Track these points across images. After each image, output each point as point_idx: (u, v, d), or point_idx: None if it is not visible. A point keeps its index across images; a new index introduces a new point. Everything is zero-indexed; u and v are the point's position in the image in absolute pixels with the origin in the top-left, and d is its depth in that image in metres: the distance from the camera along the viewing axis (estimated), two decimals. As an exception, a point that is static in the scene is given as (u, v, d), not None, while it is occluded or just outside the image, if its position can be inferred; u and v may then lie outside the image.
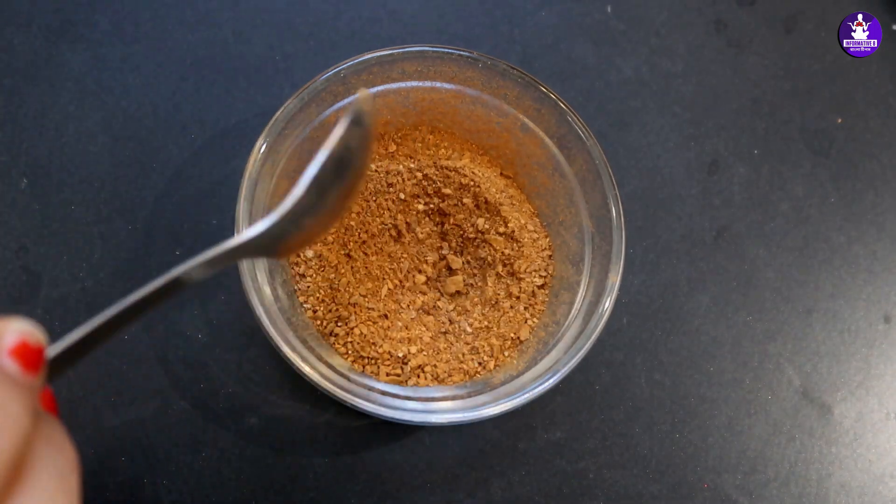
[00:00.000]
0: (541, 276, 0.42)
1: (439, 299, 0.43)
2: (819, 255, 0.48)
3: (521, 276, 0.42)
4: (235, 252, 0.28)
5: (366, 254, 0.42)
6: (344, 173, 0.30)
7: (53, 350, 0.22)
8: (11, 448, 0.18)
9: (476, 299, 0.43)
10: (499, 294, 0.42)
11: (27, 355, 0.20)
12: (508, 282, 0.42)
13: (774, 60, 0.52)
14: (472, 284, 0.43)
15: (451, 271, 0.43)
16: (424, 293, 0.43)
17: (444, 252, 0.44)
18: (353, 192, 0.31)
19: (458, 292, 0.43)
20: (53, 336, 0.22)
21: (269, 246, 0.30)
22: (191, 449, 0.40)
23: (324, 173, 0.29)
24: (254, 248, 0.29)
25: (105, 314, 0.23)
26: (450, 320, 0.42)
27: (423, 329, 0.41)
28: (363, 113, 0.30)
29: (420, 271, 0.43)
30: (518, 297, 0.41)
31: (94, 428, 0.40)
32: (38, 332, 0.21)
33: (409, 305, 0.42)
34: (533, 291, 0.42)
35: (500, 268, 0.42)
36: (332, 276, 0.41)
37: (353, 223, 0.42)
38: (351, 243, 0.42)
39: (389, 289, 0.42)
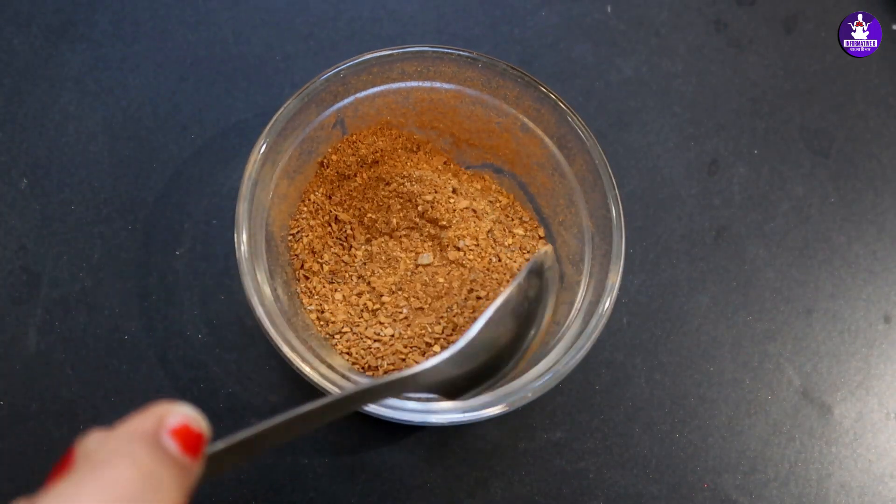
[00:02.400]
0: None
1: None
2: (819, 255, 0.48)
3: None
4: (409, 382, 0.29)
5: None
6: (521, 322, 0.30)
7: (215, 446, 0.23)
8: None
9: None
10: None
11: (187, 438, 0.22)
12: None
13: (774, 60, 0.52)
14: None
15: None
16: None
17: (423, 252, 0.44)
18: (529, 339, 0.31)
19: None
20: (53, 335, 0.22)
21: (436, 385, 0.30)
22: (191, 449, 0.40)
23: (497, 318, 0.30)
24: (423, 383, 0.29)
25: (274, 420, 0.24)
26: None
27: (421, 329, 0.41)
28: (543, 266, 0.31)
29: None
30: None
31: (93, 428, 0.40)
32: (201, 420, 0.22)
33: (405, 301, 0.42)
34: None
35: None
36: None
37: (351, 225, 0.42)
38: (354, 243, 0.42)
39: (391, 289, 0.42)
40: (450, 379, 0.30)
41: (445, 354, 0.29)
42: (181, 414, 0.22)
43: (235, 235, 0.36)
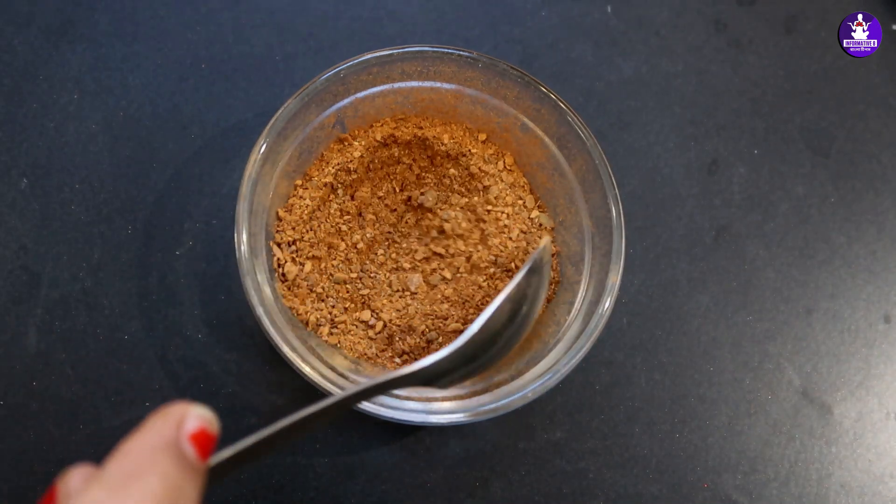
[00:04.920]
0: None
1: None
2: (819, 255, 0.48)
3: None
4: (403, 380, 0.29)
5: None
6: (517, 317, 0.31)
7: (222, 454, 0.23)
8: None
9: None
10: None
11: (203, 442, 0.22)
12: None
13: (774, 60, 0.52)
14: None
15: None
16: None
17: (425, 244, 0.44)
18: (523, 334, 0.31)
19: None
20: (53, 335, 0.22)
21: (433, 378, 0.30)
22: (191, 449, 0.40)
23: (498, 315, 0.30)
24: (421, 378, 0.30)
25: (271, 428, 0.24)
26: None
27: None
28: (543, 262, 0.31)
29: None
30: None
31: (94, 428, 0.40)
32: (215, 421, 0.23)
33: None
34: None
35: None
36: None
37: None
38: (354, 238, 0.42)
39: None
40: (445, 372, 0.30)
41: (445, 352, 0.29)
42: (199, 417, 0.22)
43: (235, 235, 0.36)
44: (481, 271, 0.41)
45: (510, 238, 0.42)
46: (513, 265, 0.41)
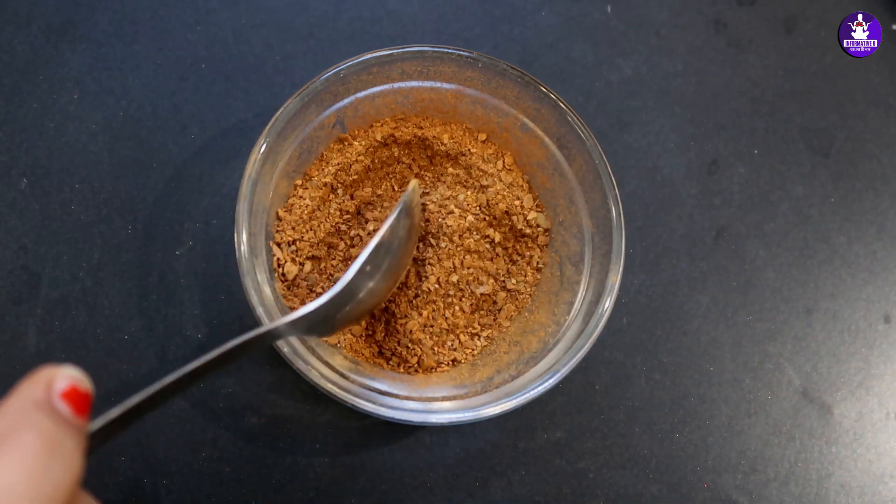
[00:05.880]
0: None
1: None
2: (819, 255, 0.48)
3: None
4: (279, 331, 0.29)
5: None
6: (388, 259, 0.31)
7: (98, 422, 0.24)
8: (69, 479, 0.20)
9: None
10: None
11: (77, 399, 0.22)
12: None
13: (774, 60, 0.52)
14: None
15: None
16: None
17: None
18: (395, 276, 0.31)
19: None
20: (53, 335, 0.22)
21: (312, 327, 0.30)
22: (191, 449, 0.40)
23: (371, 259, 0.30)
24: (300, 327, 0.30)
25: (143, 393, 0.25)
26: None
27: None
28: (412, 205, 0.31)
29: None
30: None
31: None
32: (86, 379, 0.23)
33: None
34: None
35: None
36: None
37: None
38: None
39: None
40: (323, 320, 0.30)
41: (324, 298, 0.29)
42: (67, 377, 0.23)
43: (235, 235, 0.36)
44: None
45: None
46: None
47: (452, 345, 0.41)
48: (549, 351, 0.38)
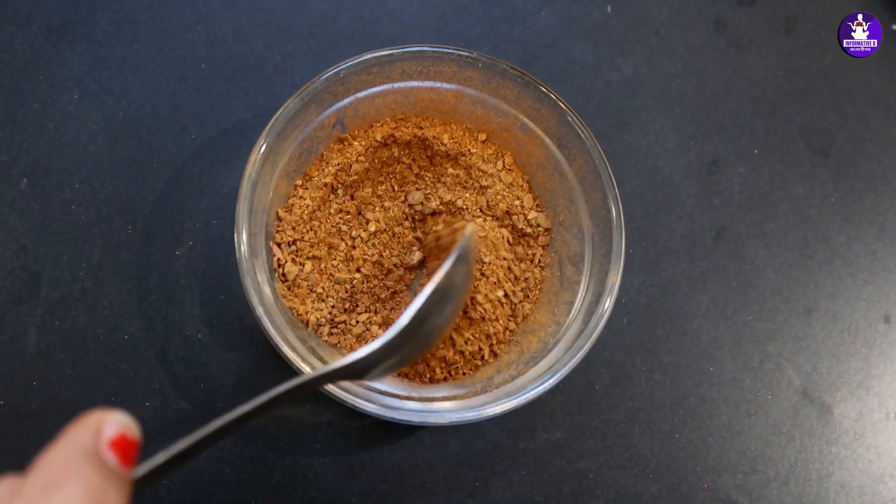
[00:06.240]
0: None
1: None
2: (819, 255, 0.48)
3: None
4: (334, 375, 0.29)
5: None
6: (445, 305, 0.31)
7: (143, 468, 0.23)
8: None
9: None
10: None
11: (125, 448, 0.22)
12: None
13: (774, 60, 0.52)
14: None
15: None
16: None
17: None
18: (451, 321, 0.31)
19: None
20: (53, 335, 0.22)
21: (364, 371, 0.30)
22: (191, 449, 0.40)
23: (427, 304, 0.30)
24: (352, 372, 0.30)
25: (190, 438, 0.24)
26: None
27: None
28: (469, 250, 0.31)
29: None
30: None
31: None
32: (134, 426, 0.23)
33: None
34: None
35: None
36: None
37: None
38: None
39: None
40: (376, 364, 0.30)
41: (376, 344, 0.29)
42: (116, 423, 0.22)
43: (235, 235, 0.36)
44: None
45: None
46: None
47: (483, 356, 0.41)
48: (549, 351, 0.38)
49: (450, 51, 0.41)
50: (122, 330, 0.42)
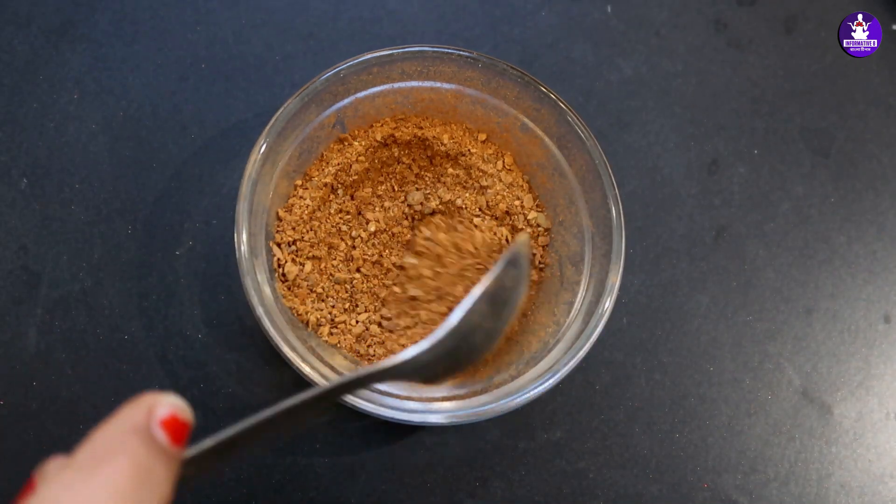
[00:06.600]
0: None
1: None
2: (819, 255, 0.48)
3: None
4: (386, 373, 0.29)
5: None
6: (498, 311, 0.31)
7: (193, 450, 0.24)
8: None
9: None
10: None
11: (175, 428, 0.23)
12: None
13: (774, 60, 0.52)
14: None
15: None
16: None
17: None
18: (504, 328, 0.31)
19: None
20: (53, 335, 0.22)
21: (414, 372, 0.30)
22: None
23: (478, 308, 0.30)
24: (404, 372, 0.30)
25: (252, 419, 0.24)
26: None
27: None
28: (521, 256, 0.31)
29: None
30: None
31: (93, 428, 0.40)
32: (187, 409, 0.24)
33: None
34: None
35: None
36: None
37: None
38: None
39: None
40: (427, 366, 0.30)
41: (425, 344, 0.29)
42: (169, 404, 0.23)
43: (235, 235, 0.36)
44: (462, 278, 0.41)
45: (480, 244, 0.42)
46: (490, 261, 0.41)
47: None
48: (549, 351, 0.38)
49: (450, 51, 0.41)
50: (122, 330, 0.42)
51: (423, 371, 0.30)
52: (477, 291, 0.30)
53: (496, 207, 0.43)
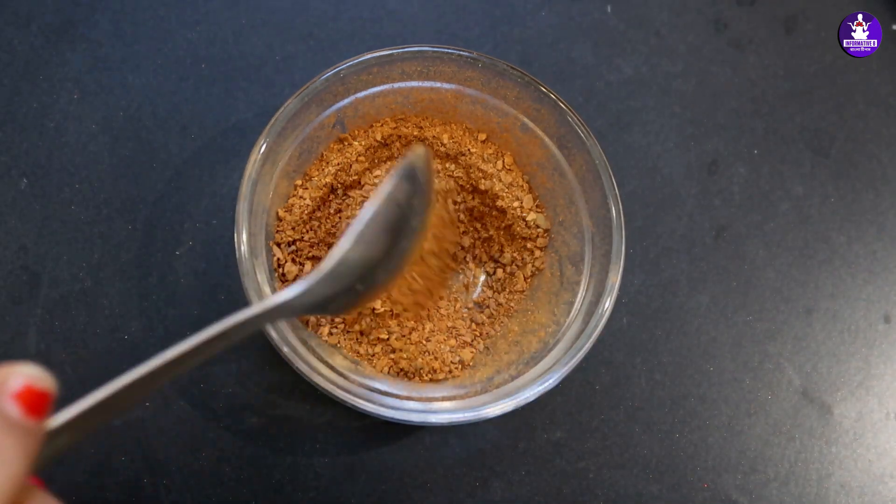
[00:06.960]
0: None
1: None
2: (819, 255, 0.48)
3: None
4: (276, 311, 0.27)
5: None
6: (398, 230, 0.29)
7: (59, 419, 0.22)
8: (7, 480, 0.20)
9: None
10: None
11: (32, 400, 0.21)
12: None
13: (774, 60, 0.52)
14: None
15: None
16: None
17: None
18: (411, 250, 0.30)
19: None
20: (53, 335, 0.22)
21: (314, 305, 0.28)
22: (191, 449, 0.40)
23: (368, 232, 0.28)
24: (297, 307, 0.28)
25: (127, 376, 0.23)
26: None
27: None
28: (416, 169, 0.29)
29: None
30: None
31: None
32: (46, 377, 0.22)
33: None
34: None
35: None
36: None
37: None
38: None
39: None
40: (325, 298, 0.28)
41: (315, 277, 0.28)
42: (22, 375, 0.22)
43: (235, 235, 0.36)
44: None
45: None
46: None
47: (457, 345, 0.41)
48: (549, 351, 0.38)
49: (450, 51, 0.41)
50: (122, 330, 0.42)
51: (321, 304, 0.28)
52: (366, 216, 0.28)
53: (495, 207, 0.43)
